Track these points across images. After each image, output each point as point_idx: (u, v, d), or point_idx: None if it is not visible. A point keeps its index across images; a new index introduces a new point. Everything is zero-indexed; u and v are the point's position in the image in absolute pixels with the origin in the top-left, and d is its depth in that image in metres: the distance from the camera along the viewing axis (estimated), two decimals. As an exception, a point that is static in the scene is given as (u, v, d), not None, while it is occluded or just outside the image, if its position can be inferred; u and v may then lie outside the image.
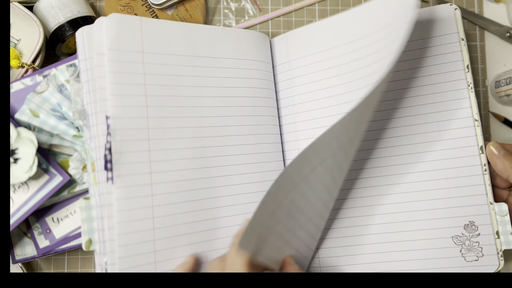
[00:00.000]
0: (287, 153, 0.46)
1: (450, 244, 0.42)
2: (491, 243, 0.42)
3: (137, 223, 0.38)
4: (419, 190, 0.43)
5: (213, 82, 0.43)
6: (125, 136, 0.38)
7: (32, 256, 0.44)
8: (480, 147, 0.42)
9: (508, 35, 0.53)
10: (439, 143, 0.43)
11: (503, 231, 0.42)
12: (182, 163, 0.40)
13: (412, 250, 0.43)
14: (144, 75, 0.39)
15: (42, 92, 0.42)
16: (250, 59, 0.45)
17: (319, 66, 0.45)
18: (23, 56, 0.46)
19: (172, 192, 0.39)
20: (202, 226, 0.41)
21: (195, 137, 0.41)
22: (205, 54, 0.43)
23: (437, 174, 0.43)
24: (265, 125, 0.45)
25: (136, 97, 0.39)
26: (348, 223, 0.44)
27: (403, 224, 0.43)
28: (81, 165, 0.42)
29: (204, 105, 0.42)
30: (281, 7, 0.54)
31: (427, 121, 0.43)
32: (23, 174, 0.39)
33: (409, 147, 0.43)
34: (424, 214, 0.43)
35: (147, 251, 0.38)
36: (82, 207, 0.38)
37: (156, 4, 0.50)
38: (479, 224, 0.42)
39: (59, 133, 0.42)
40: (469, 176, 0.42)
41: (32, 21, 0.45)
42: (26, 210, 0.41)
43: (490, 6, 0.54)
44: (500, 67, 0.54)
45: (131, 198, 0.38)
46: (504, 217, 0.42)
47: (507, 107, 0.53)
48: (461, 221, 0.42)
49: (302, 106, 0.45)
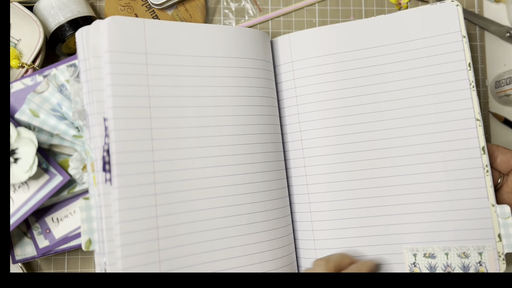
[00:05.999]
0: (290, 153, 0.46)
1: (451, 246, 0.42)
2: (493, 246, 0.41)
3: (140, 222, 0.38)
4: (419, 192, 0.43)
5: (215, 81, 0.43)
6: (128, 136, 0.38)
7: (32, 256, 0.44)
8: (482, 148, 0.42)
9: (508, 35, 0.53)
10: (440, 145, 0.43)
11: (505, 234, 0.41)
12: (186, 162, 0.40)
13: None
14: (148, 76, 0.40)
15: (42, 92, 0.42)
16: (251, 57, 0.45)
17: (326, 69, 0.45)
18: (23, 56, 0.46)
19: (176, 191, 0.40)
20: (207, 225, 0.41)
21: (198, 137, 0.41)
22: (207, 54, 0.43)
23: (438, 176, 0.42)
24: (267, 125, 0.45)
25: (139, 98, 0.39)
26: (347, 224, 0.44)
27: (403, 226, 0.43)
28: (81, 165, 0.42)
29: (206, 104, 0.42)
30: (281, 7, 0.54)
31: (427, 122, 0.43)
32: (23, 174, 0.39)
33: (409, 149, 0.43)
34: (425, 216, 0.43)
35: (151, 250, 0.38)
36: (82, 207, 0.38)
37: (156, 4, 0.50)
38: (479, 228, 0.41)
39: (59, 133, 0.42)
40: (471, 178, 0.42)
41: (32, 21, 0.45)
42: (26, 210, 0.41)
43: (490, 6, 0.54)
44: (500, 67, 0.54)
45: (132, 198, 0.38)
46: (506, 220, 0.41)
47: (507, 107, 0.53)
48: (462, 224, 0.42)
49: (306, 107, 0.45)
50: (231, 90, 0.43)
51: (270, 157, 0.45)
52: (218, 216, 0.41)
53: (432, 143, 0.43)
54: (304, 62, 0.46)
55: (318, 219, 0.44)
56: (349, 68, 0.45)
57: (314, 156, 0.45)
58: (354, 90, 0.45)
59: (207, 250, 0.41)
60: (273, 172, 0.45)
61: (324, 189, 0.44)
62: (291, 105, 0.46)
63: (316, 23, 0.53)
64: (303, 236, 0.45)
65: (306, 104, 0.46)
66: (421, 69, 0.44)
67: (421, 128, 0.43)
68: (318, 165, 0.45)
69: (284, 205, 0.45)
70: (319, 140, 0.45)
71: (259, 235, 0.43)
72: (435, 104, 0.43)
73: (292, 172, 0.46)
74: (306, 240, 0.45)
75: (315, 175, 0.45)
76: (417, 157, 0.43)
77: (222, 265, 0.41)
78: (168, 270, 0.39)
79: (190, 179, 0.40)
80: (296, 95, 0.46)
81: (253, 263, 0.42)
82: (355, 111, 0.44)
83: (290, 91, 0.46)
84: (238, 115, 0.43)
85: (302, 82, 0.46)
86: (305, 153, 0.45)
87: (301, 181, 0.45)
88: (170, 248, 0.39)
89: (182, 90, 0.41)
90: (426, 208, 0.43)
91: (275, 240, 0.43)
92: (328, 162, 0.45)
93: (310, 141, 0.45)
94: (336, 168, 0.44)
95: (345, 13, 0.54)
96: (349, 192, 0.44)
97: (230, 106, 0.43)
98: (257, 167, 0.43)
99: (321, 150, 0.45)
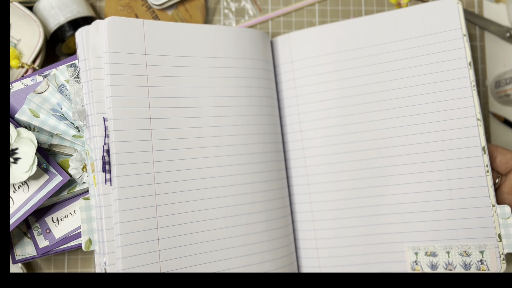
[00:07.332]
0: (291, 152, 0.46)
1: (452, 245, 0.42)
2: (494, 244, 0.41)
3: (140, 222, 0.38)
4: (420, 191, 0.43)
5: (215, 82, 0.43)
6: (127, 136, 0.38)
7: (32, 256, 0.44)
8: (482, 147, 0.42)
9: (508, 35, 0.53)
10: (440, 143, 0.43)
11: (506, 234, 0.41)
12: (186, 163, 0.40)
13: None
14: (147, 77, 0.40)
15: (42, 92, 0.42)
16: (251, 58, 0.45)
17: (326, 68, 0.45)
18: (23, 56, 0.46)
19: (176, 192, 0.40)
20: (207, 226, 0.41)
21: (198, 137, 0.41)
22: (207, 54, 0.43)
23: (439, 174, 0.42)
24: (268, 125, 0.45)
25: (139, 98, 0.39)
26: (349, 223, 0.44)
27: (403, 225, 0.43)
28: (81, 165, 0.42)
29: (206, 105, 0.42)
30: (281, 7, 0.54)
31: (428, 120, 0.43)
32: (23, 174, 0.39)
33: (410, 147, 0.43)
34: (426, 215, 0.43)
35: (151, 250, 0.38)
36: (82, 207, 0.38)
37: (156, 5, 0.50)
38: (481, 227, 0.41)
39: (59, 133, 0.42)
40: (472, 177, 0.42)
41: (32, 21, 0.45)
42: (26, 210, 0.41)
43: (490, 6, 0.54)
44: (500, 67, 0.54)
45: (132, 198, 0.38)
46: (507, 220, 0.41)
47: (507, 107, 0.53)
48: (463, 222, 0.42)
49: (307, 107, 0.45)
50: (231, 91, 0.43)
51: (270, 157, 0.45)
52: (218, 216, 0.41)
53: (433, 141, 0.43)
54: (303, 62, 0.46)
55: (320, 218, 0.44)
56: (349, 67, 0.45)
57: (315, 156, 0.45)
58: (354, 89, 0.45)
59: (207, 251, 0.41)
60: (273, 172, 0.44)
61: (326, 188, 0.44)
62: (291, 105, 0.46)
63: (316, 23, 0.53)
64: (304, 236, 0.45)
65: (306, 104, 0.45)
66: (421, 67, 0.43)
67: (422, 127, 0.43)
68: (319, 164, 0.45)
69: (284, 205, 0.45)
70: (319, 139, 0.45)
71: (259, 235, 0.43)
72: (435, 102, 0.43)
73: (293, 172, 0.46)
74: (308, 239, 0.45)
75: (316, 175, 0.45)
76: (418, 156, 0.43)
77: (222, 265, 0.41)
78: (168, 270, 0.39)
79: (190, 180, 0.40)
80: (296, 95, 0.46)
81: (253, 263, 0.42)
82: (356, 110, 0.44)
83: (290, 91, 0.46)
84: (238, 115, 0.43)
85: (302, 82, 0.46)
86: (305, 152, 0.45)
87: (302, 181, 0.45)
88: (170, 249, 0.39)
89: (182, 91, 0.41)
90: (427, 207, 0.43)
91: (275, 240, 0.43)
92: (329, 162, 0.44)
93: (311, 140, 0.45)
94: (337, 167, 0.44)
95: (345, 13, 0.54)
96: (350, 191, 0.44)
97: (230, 107, 0.43)
98: (257, 167, 0.43)
99: (322, 150, 0.45)
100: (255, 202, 0.43)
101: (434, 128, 0.43)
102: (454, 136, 0.42)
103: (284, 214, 0.45)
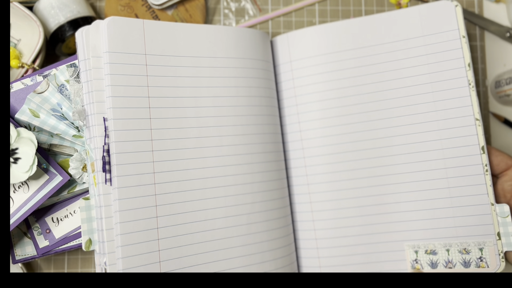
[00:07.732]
0: (291, 152, 0.46)
1: (452, 242, 0.42)
2: (493, 242, 0.41)
3: (140, 222, 0.38)
4: (420, 190, 0.43)
5: (215, 82, 0.43)
6: (127, 137, 0.38)
7: (32, 256, 0.44)
8: (481, 147, 0.42)
9: (508, 35, 0.53)
10: (439, 142, 0.43)
11: (504, 233, 0.41)
12: (186, 163, 0.40)
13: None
14: (147, 77, 0.40)
15: (42, 92, 0.42)
16: (251, 58, 0.45)
17: (325, 68, 0.45)
18: (23, 56, 0.46)
19: (176, 192, 0.40)
20: (207, 226, 0.41)
21: (198, 137, 0.41)
22: (207, 54, 0.43)
23: (438, 173, 0.43)
24: (267, 125, 0.45)
25: (139, 98, 0.39)
26: (349, 222, 0.44)
27: (403, 224, 0.43)
28: (81, 165, 0.42)
29: (206, 105, 0.42)
30: (281, 7, 0.54)
31: (427, 120, 0.43)
32: (23, 174, 0.39)
33: (409, 147, 0.43)
34: (426, 213, 0.43)
35: (151, 250, 0.38)
36: (82, 207, 0.38)
37: (156, 5, 0.50)
38: (480, 224, 0.42)
39: (59, 133, 0.42)
40: (470, 176, 0.42)
41: (32, 21, 0.45)
42: (26, 210, 0.41)
43: (490, 6, 0.54)
44: (500, 67, 0.54)
45: (132, 198, 0.38)
46: (506, 219, 0.41)
47: (507, 107, 0.53)
48: (462, 220, 0.42)
49: (306, 107, 0.45)
50: (231, 91, 0.43)
51: (270, 157, 0.45)
52: (218, 216, 0.41)
53: (432, 141, 0.43)
54: (302, 62, 0.46)
55: (320, 218, 0.44)
56: (348, 67, 0.45)
57: (315, 156, 0.45)
58: (353, 89, 0.45)
59: (208, 250, 0.41)
60: (273, 172, 0.45)
61: (325, 188, 0.44)
62: (290, 105, 0.46)
63: (316, 23, 0.53)
64: (304, 236, 0.45)
65: (305, 104, 0.46)
66: (420, 67, 0.44)
67: (421, 126, 0.43)
68: (318, 164, 0.45)
69: (284, 205, 0.45)
70: (319, 139, 0.45)
71: (259, 235, 0.43)
72: (434, 102, 0.43)
73: (292, 172, 0.46)
74: (308, 239, 0.45)
75: (316, 175, 0.45)
76: (417, 155, 0.43)
77: (223, 265, 0.41)
78: (169, 270, 0.39)
79: (190, 180, 0.40)
80: (295, 95, 0.46)
81: (254, 263, 0.42)
82: (355, 110, 0.44)
83: (290, 91, 0.46)
84: (238, 115, 0.43)
85: (301, 82, 0.46)
86: (305, 152, 0.45)
87: (302, 181, 0.45)
88: (170, 249, 0.39)
89: (181, 91, 0.41)
90: (427, 205, 0.43)
91: (275, 240, 0.43)
92: (328, 161, 0.45)
93: (310, 140, 0.45)
94: (337, 167, 0.44)
95: (345, 13, 0.54)
96: (349, 191, 0.44)
97: (230, 107, 0.43)
98: (257, 167, 0.43)
99: (322, 150, 0.45)
100: (255, 202, 0.43)
101: (433, 128, 0.43)
102: (452, 135, 0.43)
103: (284, 214, 0.45)
